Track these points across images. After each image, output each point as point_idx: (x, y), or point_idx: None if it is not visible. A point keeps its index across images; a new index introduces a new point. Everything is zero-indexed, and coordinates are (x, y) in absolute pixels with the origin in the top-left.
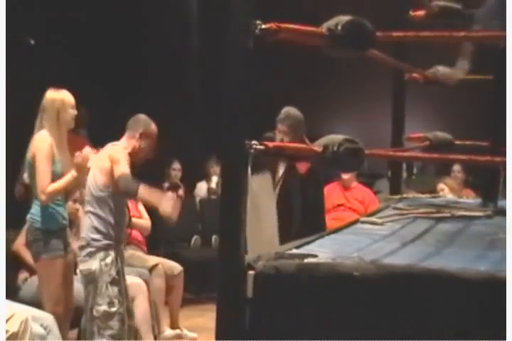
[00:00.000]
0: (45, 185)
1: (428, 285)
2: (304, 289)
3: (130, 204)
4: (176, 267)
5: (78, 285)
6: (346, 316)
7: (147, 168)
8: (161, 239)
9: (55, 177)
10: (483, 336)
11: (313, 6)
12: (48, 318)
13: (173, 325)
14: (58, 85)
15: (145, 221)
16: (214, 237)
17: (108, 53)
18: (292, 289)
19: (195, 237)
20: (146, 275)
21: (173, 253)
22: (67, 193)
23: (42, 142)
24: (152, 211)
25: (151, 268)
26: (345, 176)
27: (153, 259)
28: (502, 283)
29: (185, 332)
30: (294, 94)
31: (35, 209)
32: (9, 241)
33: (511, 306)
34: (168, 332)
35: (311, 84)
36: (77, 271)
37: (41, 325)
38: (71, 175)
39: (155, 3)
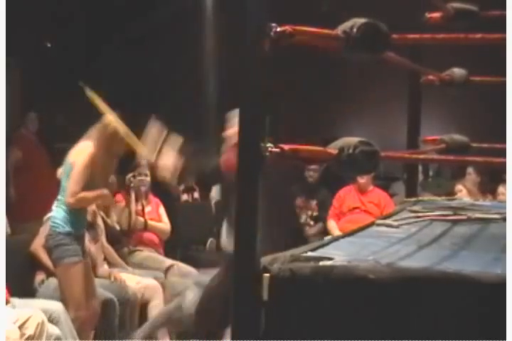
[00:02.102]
0: (77, 191)
1: (444, 288)
2: (319, 292)
3: (150, 207)
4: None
5: (100, 290)
6: (361, 319)
7: None
8: (176, 241)
9: (87, 188)
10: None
11: (329, 8)
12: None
13: None
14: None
15: (164, 224)
16: None
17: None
18: (308, 292)
19: (210, 240)
20: (162, 277)
21: (188, 256)
22: None
23: (85, 151)
24: (171, 215)
25: (167, 269)
26: (362, 180)
27: (169, 261)
28: None
29: None
30: (310, 96)
31: (58, 213)
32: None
33: (511, 306)
34: None
35: (327, 87)
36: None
37: (50, 317)
38: (102, 191)
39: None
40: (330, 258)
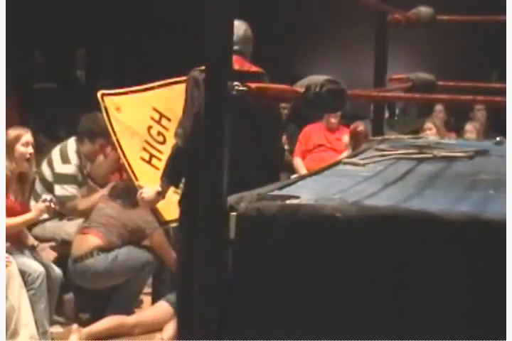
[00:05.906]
0: None
1: (409, 226)
2: (285, 230)
3: None
4: None
5: None
6: (328, 257)
7: None
8: None
9: None
10: (463, 277)
11: None
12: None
13: None
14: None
15: None
16: None
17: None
18: (274, 230)
19: None
20: None
21: None
22: None
23: None
24: None
25: None
26: (332, 119)
27: None
28: (484, 223)
29: None
30: (278, 36)
31: None
32: None
33: (511, 306)
34: None
35: (294, 27)
36: None
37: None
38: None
39: None
40: (297, 197)
